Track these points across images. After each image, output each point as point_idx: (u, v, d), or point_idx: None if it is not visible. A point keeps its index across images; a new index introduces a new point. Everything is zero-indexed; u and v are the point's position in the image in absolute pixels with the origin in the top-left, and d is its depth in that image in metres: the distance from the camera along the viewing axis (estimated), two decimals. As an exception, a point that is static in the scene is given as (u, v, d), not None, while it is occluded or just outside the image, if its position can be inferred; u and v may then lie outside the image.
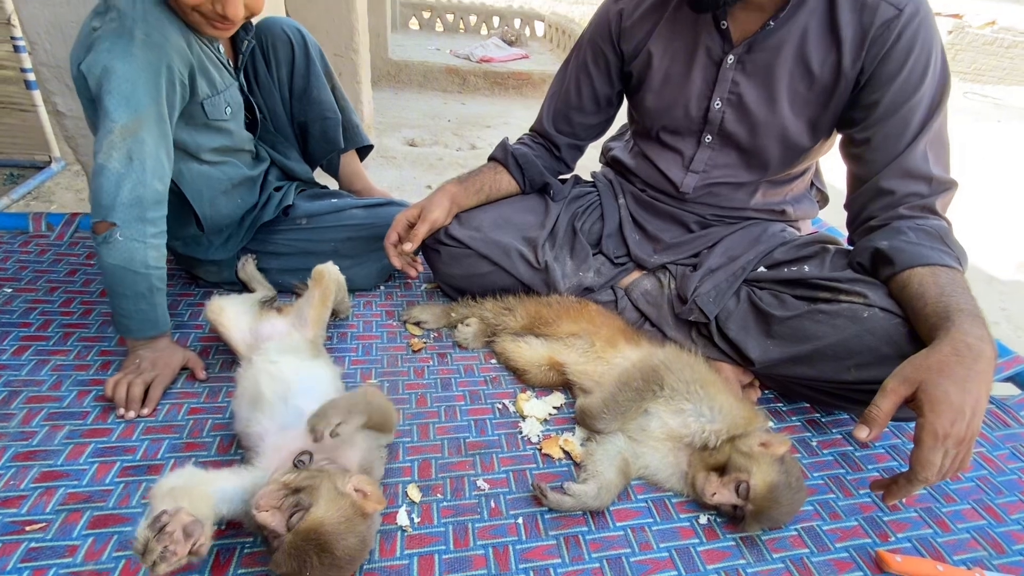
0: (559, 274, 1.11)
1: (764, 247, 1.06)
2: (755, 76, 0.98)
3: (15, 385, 0.85)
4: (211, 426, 0.83)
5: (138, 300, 0.84)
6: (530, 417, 0.92)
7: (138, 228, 0.82)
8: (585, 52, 1.13)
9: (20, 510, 0.68)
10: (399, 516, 0.73)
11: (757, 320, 0.97)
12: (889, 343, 0.83)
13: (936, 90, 0.89)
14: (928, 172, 0.89)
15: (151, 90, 0.82)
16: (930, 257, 0.82)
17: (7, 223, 1.27)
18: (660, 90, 1.07)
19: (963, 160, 6.36)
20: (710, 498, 0.75)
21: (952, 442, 0.67)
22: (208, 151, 1.01)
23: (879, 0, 0.87)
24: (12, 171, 2.91)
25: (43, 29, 1.23)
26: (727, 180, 1.09)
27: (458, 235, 1.11)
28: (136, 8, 0.83)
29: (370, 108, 4.02)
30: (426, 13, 7.19)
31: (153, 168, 0.83)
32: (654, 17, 1.04)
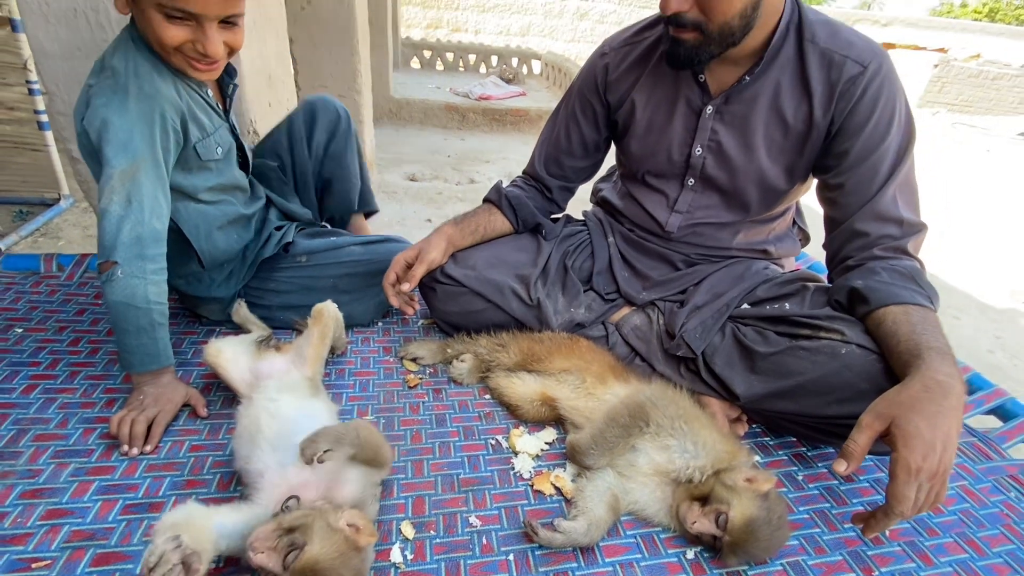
0: (551, 310, 1.15)
1: (748, 284, 1.10)
2: (733, 125, 1.04)
3: (23, 423, 0.88)
4: (212, 463, 0.86)
5: (140, 335, 0.88)
6: (522, 453, 0.94)
7: (138, 265, 0.87)
8: (574, 101, 1.20)
9: (26, 547, 0.70)
10: (393, 553, 0.75)
11: (742, 356, 1.01)
12: (867, 379, 0.86)
13: (902, 139, 0.95)
14: (899, 215, 0.94)
15: (146, 137, 0.89)
16: (903, 296, 0.87)
17: (20, 264, 1.31)
18: (644, 137, 1.14)
19: (954, 189, 6.48)
20: (691, 526, 0.77)
21: (925, 476, 0.69)
22: (204, 190, 1.07)
23: (845, 58, 0.93)
24: (21, 208, 2.98)
25: (61, 81, 1.30)
26: (710, 220, 1.15)
27: (454, 274, 1.16)
28: (128, 66, 0.90)
29: (371, 145, 4.14)
30: (427, 52, 7.45)
31: (151, 208, 0.89)
32: (637, 70, 1.11)
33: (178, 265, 1.11)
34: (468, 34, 13.66)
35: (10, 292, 1.21)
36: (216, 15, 0.88)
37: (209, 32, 0.89)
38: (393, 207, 3.89)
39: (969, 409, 1.11)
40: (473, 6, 13.49)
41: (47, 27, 1.24)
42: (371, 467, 0.76)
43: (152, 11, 0.86)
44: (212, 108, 1.05)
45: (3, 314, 1.14)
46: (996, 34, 13.58)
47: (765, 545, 0.75)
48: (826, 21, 0.98)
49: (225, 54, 0.95)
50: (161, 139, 0.92)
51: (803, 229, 1.30)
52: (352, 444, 0.71)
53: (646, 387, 0.94)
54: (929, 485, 0.70)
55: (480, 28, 13.73)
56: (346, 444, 0.71)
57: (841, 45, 0.94)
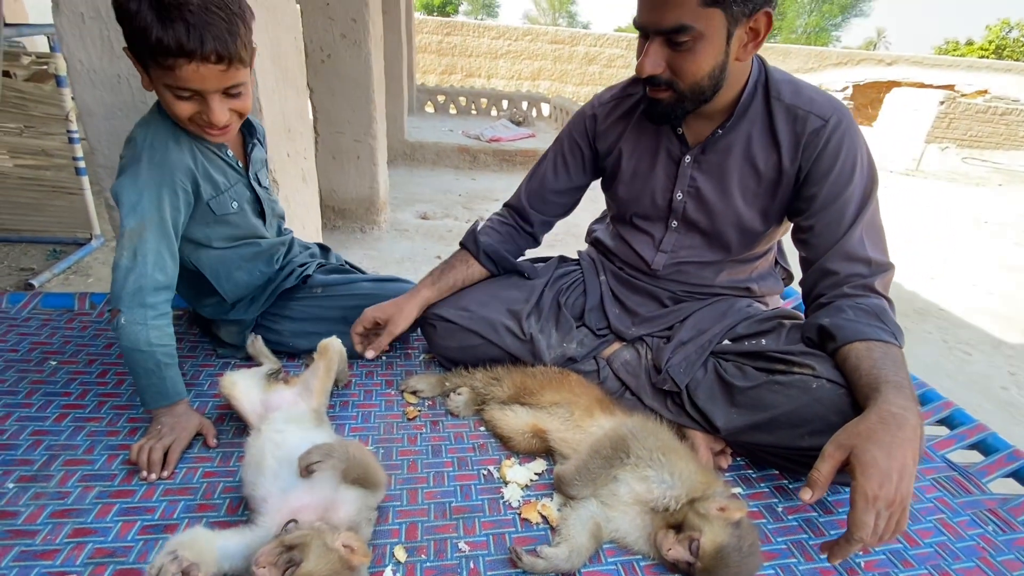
0: (544, 345, 1.22)
1: (730, 321, 1.16)
2: (710, 173, 1.13)
3: (55, 449, 0.96)
4: (222, 488, 0.93)
5: (148, 375, 0.97)
6: (512, 483, 0.99)
7: (139, 312, 0.96)
8: (564, 144, 1.30)
9: (54, 562, 0.77)
10: (385, 574, 0.80)
11: (722, 390, 1.06)
12: (836, 412, 0.91)
13: (865, 184, 1.03)
14: (866, 255, 1.01)
15: (153, 201, 0.99)
16: (866, 333, 0.92)
17: (56, 303, 1.43)
18: (630, 183, 1.23)
19: (968, 224, 6.46)
20: (666, 553, 0.81)
21: (883, 503, 0.74)
22: (219, 240, 1.17)
23: (808, 113, 1.03)
24: (55, 247, 3.17)
25: (103, 138, 1.44)
26: (693, 259, 1.22)
27: (448, 315, 1.24)
28: (146, 138, 1.02)
29: (385, 186, 4.32)
30: (441, 98, 7.79)
31: (154, 262, 0.98)
32: (624, 123, 1.21)
33: (205, 296, 1.23)
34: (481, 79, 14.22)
35: (47, 327, 1.32)
36: (215, 89, 0.96)
37: (213, 104, 0.97)
38: (404, 244, 4.03)
39: (950, 444, 1.14)
40: (486, 52, 14.09)
41: (93, 90, 1.38)
42: (364, 488, 0.82)
43: (163, 89, 0.96)
44: (231, 166, 1.16)
45: (40, 348, 1.24)
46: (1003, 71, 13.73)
47: (735, 571, 0.79)
48: (789, 80, 1.07)
49: (233, 119, 1.04)
50: (170, 201, 1.02)
51: (786, 268, 1.36)
52: (341, 458, 0.79)
53: (628, 420, 0.99)
54: (888, 513, 0.74)
55: (492, 73, 14.29)
56: (335, 458, 0.79)
57: (804, 101, 1.04)
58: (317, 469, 0.78)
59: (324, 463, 0.78)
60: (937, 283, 4.57)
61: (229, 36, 0.92)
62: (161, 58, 0.90)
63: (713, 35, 0.93)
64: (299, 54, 1.83)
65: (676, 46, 0.95)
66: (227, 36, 0.92)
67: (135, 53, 0.95)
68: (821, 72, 14.58)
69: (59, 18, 1.30)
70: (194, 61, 0.90)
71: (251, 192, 1.22)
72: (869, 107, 13.72)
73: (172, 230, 1.02)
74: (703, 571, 0.79)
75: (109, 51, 1.35)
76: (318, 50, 3.59)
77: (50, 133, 2.96)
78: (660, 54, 0.97)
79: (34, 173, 3.01)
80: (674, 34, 0.93)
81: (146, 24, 0.87)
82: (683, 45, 0.94)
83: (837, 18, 29.54)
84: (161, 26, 0.87)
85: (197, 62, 0.91)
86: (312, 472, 0.78)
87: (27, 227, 3.15)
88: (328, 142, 3.87)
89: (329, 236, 4.05)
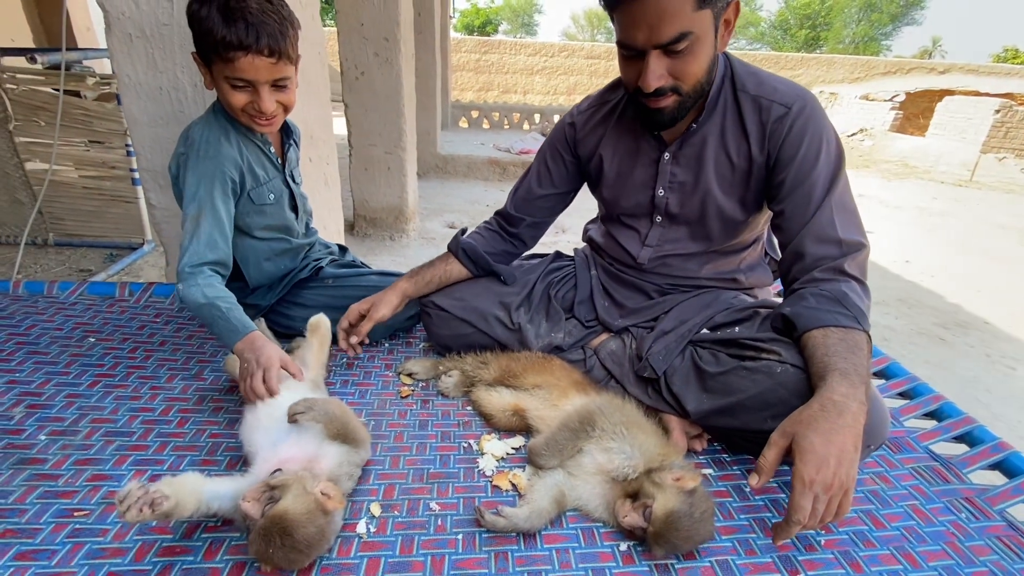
0: (532, 334, 1.29)
1: (711, 311, 1.20)
2: (688, 166, 1.17)
3: (84, 410, 1.10)
4: (224, 447, 1.03)
5: (216, 322, 1.08)
6: (488, 454, 1.05)
7: (191, 279, 1.09)
8: (547, 153, 1.37)
9: (72, 500, 0.88)
10: (359, 526, 0.88)
11: (696, 376, 1.09)
12: (798, 396, 0.93)
13: (831, 167, 1.05)
14: (836, 236, 1.02)
15: (208, 190, 1.14)
16: (824, 320, 0.94)
17: (100, 290, 1.59)
18: (614, 184, 1.28)
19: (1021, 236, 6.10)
20: (622, 519, 0.85)
21: (820, 487, 0.76)
22: (259, 228, 1.32)
23: (771, 102, 1.07)
24: (112, 251, 3.45)
25: (147, 144, 1.61)
26: (677, 252, 1.26)
27: (442, 304, 1.33)
28: (202, 136, 1.18)
29: (415, 196, 4.48)
30: (474, 113, 8.00)
31: (206, 242, 1.12)
32: (602, 128, 1.27)
33: (229, 280, 1.34)
34: (517, 95, 14.48)
35: (90, 311, 1.48)
36: (266, 80, 1.13)
37: (263, 94, 1.14)
38: (431, 251, 4.17)
39: (935, 436, 1.13)
40: (522, 69, 14.36)
41: (139, 102, 1.56)
42: (347, 443, 0.90)
43: (222, 82, 1.13)
44: (271, 162, 1.31)
45: (82, 327, 1.40)
46: (1069, 77, 12.92)
47: (686, 535, 0.82)
48: (753, 72, 1.12)
49: (280, 111, 1.20)
50: (221, 189, 1.17)
51: (775, 259, 1.37)
52: (320, 411, 0.88)
53: (598, 397, 1.04)
54: (827, 497, 0.77)
55: (528, 89, 14.53)
56: (315, 410, 0.88)
57: (767, 91, 1.08)
58: (300, 420, 0.87)
59: (306, 414, 0.87)
60: (983, 296, 4.34)
61: (280, 35, 1.09)
62: (224, 51, 1.06)
63: (706, 33, 0.97)
64: (323, 67, 1.98)
65: (675, 53, 0.97)
66: (278, 35, 1.09)
67: (201, 54, 1.12)
68: (868, 82, 14.12)
69: (111, 38, 1.48)
70: (250, 54, 1.07)
71: (287, 188, 1.37)
72: (920, 116, 13.16)
73: (224, 215, 1.17)
74: (654, 535, 0.82)
75: (153, 67, 1.52)
76: (353, 68, 3.81)
77: (112, 147, 3.25)
78: (661, 65, 0.99)
79: (95, 183, 3.31)
80: (674, 43, 0.95)
81: (213, 25, 1.05)
82: (683, 51, 0.96)
83: (887, 27, 28.54)
84: (225, 25, 1.05)
85: (253, 54, 1.07)
86: (296, 421, 0.87)
87: (88, 233, 3.45)
88: (361, 154, 4.08)
89: (360, 243, 4.24)
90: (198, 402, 1.15)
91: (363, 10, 3.61)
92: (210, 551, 0.82)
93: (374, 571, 0.81)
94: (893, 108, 11.19)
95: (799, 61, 14.60)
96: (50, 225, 3.42)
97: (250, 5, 1.07)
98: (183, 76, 1.52)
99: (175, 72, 1.52)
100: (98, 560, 0.79)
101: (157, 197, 1.69)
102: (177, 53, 1.48)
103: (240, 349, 1.06)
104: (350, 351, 1.31)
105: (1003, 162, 9.46)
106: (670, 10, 0.92)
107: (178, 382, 1.21)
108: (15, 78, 3.05)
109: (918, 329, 3.68)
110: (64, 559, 0.79)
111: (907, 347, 3.43)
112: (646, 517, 0.84)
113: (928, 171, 9.64)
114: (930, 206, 7.45)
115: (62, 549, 0.80)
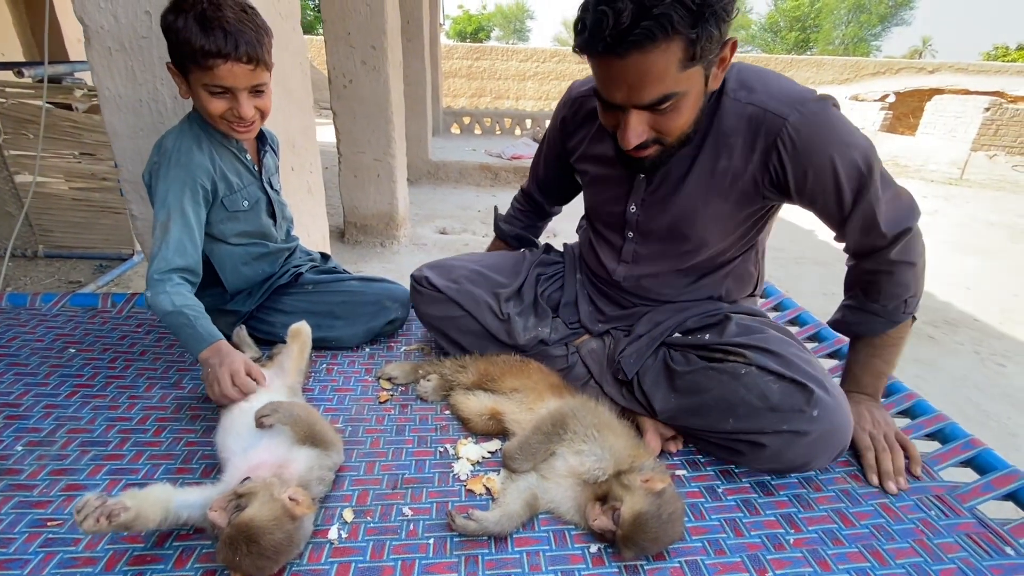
0: (520, 327, 1.29)
1: (683, 316, 1.20)
2: (663, 185, 1.11)
3: (62, 420, 1.10)
4: (200, 455, 1.03)
5: (182, 329, 1.09)
6: (463, 459, 1.06)
7: (160, 286, 1.10)
8: (548, 138, 1.38)
9: (47, 511, 0.89)
10: (331, 532, 0.88)
11: (666, 376, 1.10)
12: (760, 397, 0.95)
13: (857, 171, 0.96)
14: (880, 230, 0.99)
15: (178, 196, 1.16)
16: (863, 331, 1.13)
17: (83, 301, 1.60)
18: (591, 188, 1.26)
19: (1011, 233, 6.14)
20: (592, 523, 0.86)
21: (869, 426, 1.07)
22: (233, 235, 1.33)
23: (764, 112, 0.96)
24: (102, 263, 3.45)
25: (129, 155, 1.62)
26: (653, 272, 1.21)
27: (437, 284, 1.32)
28: (174, 144, 1.19)
29: (405, 203, 4.50)
30: (466, 119, 8.03)
31: (175, 248, 1.13)
32: (589, 124, 1.20)
33: (208, 286, 1.35)
34: (509, 100, 14.54)
35: (71, 322, 1.48)
36: (245, 86, 1.15)
37: (241, 99, 1.16)
38: (421, 257, 4.17)
39: (908, 434, 1.14)
40: (514, 75, 14.42)
41: (119, 114, 1.57)
42: (315, 447, 0.91)
43: (200, 90, 1.15)
44: (247, 169, 1.33)
45: (63, 338, 1.40)
46: (1058, 75, 13.03)
47: (654, 537, 0.82)
48: (746, 79, 1.01)
49: (257, 116, 1.23)
50: (191, 196, 1.18)
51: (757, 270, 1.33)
52: (286, 413, 0.89)
53: (571, 400, 1.05)
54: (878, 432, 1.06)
55: (521, 94, 14.60)
56: (281, 412, 0.89)
57: (759, 100, 0.97)
58: (265, 422, 0.89)
59: (271, 416, 0.88)
60: (973, 294, 4.37)
61: (257, 43, 1.13)
62: (203, 60, 1.09)
63: (694, 88, 0.90)
64: (305, 77, 1.99)
65: (659, 112, 0.91)
66: (255, 42, 1.12)
67: (177, 64, 1.14)
68: (858, 83, 14.21)
69: (90, 51, 1.49)
70: (230, 61, 1.10)
71: (264, 194, 1.38)
72: (911, 116, 13.25)
73: (195, 221, 1.18)
74: (623, 538, 0.83)
75: (132, 79, 1.53)
76: (340, 76, 3.83)
77: (100, 159, 3.26)
78: (642, 121, 0.92)
79: (84, 195, 3.31)
80: (657, 104, 0.89)
81: (191, 35, 1.07)
82: (667, 109, 0.90)
83: (876, 28, 28.77)
84: (204, 35, 1.07)
85: (232, 62, 1.10)
86: (263, 424, 0.89)
87: (78, 244, 3.45)
88: (350, 161, 4.09)
89: (351, 250, 4.25)
90: (175, 411, 1.15)
91: (350, 19, 3.63)
92: (180, 559, 0.82)
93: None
94: (883, 108, 11.27)
95: (789, 63, 14.70)
96: (39, 237, 3.42)
97: (227, 15, 1.09)
98: (163, 88, 1.53)
99: (155, 84, 1.53)
100: (70, 569, 0.79)
101: (139, 208, 1.70)
102: (156, 65, 1.49)
103: (205, 357, 1.07)
104: None
105: (994, 160, 9.53)
106: (653, 72, 0.84)
107: (156, 391, 1.21)
108: (4, 92, 3.06)
109: (907, 328, 3.69)
110: (36, 568, 0.79)
111: (896, 346, 3.44)
112: (615, 520, 0.84)
113: (918, 170, 9.71)
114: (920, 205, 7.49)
115: (35, 558, 0.81)
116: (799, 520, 0.94)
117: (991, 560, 0.87)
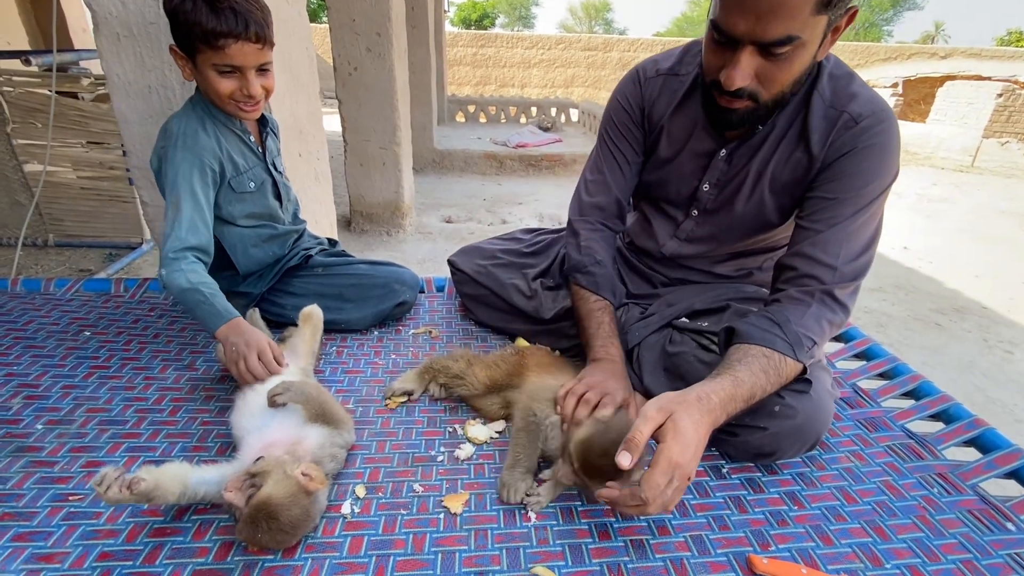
0: (549, 300, 1.35)
1: (694, 299, 1.21)
2: (739, 166, 1.10)
3: (80, 400, 1.13)
4: (215, 434, 1.06)
5: (199, 306, 1.11)
6: (467, 443, 1.07)
7: (174, 264, 1.12)
8: (612, 136, 1.24)
9: (68, 486, 0.91)
10: (344, 507, 0.90)
11: (661, 355, 1.13)
12: None
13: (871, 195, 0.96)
14: (834, 262, 0.96)
15: (187, 179, 1.18)
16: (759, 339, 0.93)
17: (97, 287, 1.62)
18: (661, 167, 1.20)
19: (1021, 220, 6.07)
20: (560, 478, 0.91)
21: (679, 471, 0.76)
22: (242, 217, 1.35)
23: (841, 112, 0.97)
24: (111, 251, 3.48)
25: (137, 142, 1.64)
26: (703, 250, 1.23)
27: (464, 268, 1.47)
28: (179, 128, 1.21)
29: (411, 191, 4.50)
30: (471, 107, 7.99)
31: (187, 228, 1.15)
32: (668, 103, 1.16)
33: (220, 269, 1.38)
34: (515, 88, 14.44)
35: (86, 306, 1.51)
36: (253, 65, 1.19)
37: (250, 78, 1.20)
38: (427, 246, 4.19)
39: (912, 414, 1.15)
40: (519, 63, 14.31)
41: (128, 100, 1.58)
42: (326, 425, 0.93)
43: (209, 70, 1.17)
44: (251, 150, 1.34)
45: (78, 322, 1.42)
46: (1073, 60, 12.79)
47: (600, 451, 0.83)
48: (836, 75, 1.00)
49: (263, 95, 1.25)
50: (200, 178, 1.20)
51: None
52: (298, 392, 0.91)
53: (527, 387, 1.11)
54: (678, 483, 0.77)
55: (526, 82, 14.49)
56: (292, 391, 0.91)
57: (842, 101, 0.98)
58: (278, 401, 0.91)
59: (283, 395, 0.90)
60: (982, 281, 4.34)
61: (264, 22, 1.17)
62: (214, 40, 1.11)
63: (812, 41, 0.87)
64: (311, 63, 1.99)
65: (773, 56, 0.87)
66: (263, 22, 1.17)
67: (184, 45, 1.16)
68: (869, 68, 14.01)
69: (99, 38, 1.51)
70: (240, 40, 1.13)
71: (268, 176, 1.40)
72: (922, 102, 13.07)
73: (205, 202, 1.21)
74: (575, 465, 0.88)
75: (141, 65, 1.54)
76: (346, 63, 3.82)
77: (109, 148, 3.28)
78: (752, 64, 0.89)
79: (93, 184, 3.34)
80: (776, 45, 0.85)
81: (200, 16, 1.10)
82: (781, 55, 0.87)
83: (888, 12, 28.28)
84: (214, 16, 1.10)
85: (243, 41, 1.14)
86: (275, 403, 0.90)
87: (87, 233, 3.48)
88: (356, 150, 4.10)
89: (357, 239, 4.26)
90: (190, 391, 1.18)
91: (354, 6, 3.61)
92: (199, 531, 0.85)
93: (357, 549, 0.83)
94: (894, 95, 11.12)
95: (799, 49, 14.46)
96: (50, 226, 3.46)
97: None
98: (171, 74, 1.54)
99: (163, 70, 1.54)
100: (92, 541, 0.82)
101: (150, 195, 1.72)
102: (164, 51, 1.50)
103: (224, 334, 1.09)
104: None
105: (1006, 147, 9.39)
106: (787, 6, 0.81)
107: (171, 372, 1.24)
108: (11, 80, 3.08)
109: (915, 315, 3.68)
110: (59, 540, 0.82)
111: (903, 333, 3.44)
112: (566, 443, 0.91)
113: (929, 157, 9.59)
114: (929, 192, 7.43)
115: (57, 531, 0.83)
116: (802, 497, 0.96)
117: (992, 535, 0.88)
